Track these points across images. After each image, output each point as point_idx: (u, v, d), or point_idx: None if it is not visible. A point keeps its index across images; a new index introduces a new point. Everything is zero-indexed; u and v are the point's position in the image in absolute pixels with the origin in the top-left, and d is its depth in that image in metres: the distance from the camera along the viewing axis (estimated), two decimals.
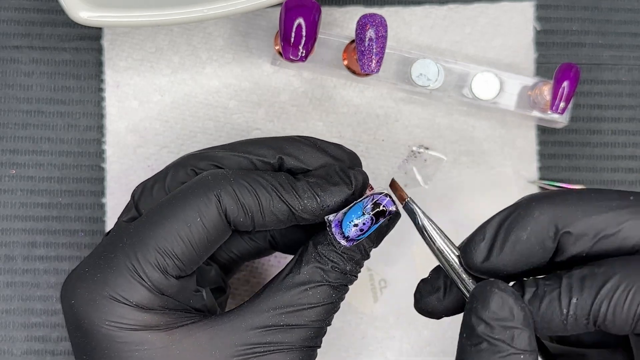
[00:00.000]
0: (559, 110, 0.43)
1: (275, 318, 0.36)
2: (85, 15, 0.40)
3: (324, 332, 0.37)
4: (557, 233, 0.33)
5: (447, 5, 0.47)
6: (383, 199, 0.36)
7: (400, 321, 0.46)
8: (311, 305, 0.36)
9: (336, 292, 0.36)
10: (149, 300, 0.35)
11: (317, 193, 0.36)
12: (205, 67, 0.47)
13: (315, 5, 0.40)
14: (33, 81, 0.46)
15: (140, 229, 0.35)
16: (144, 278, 0.34)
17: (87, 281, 0.35)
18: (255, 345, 0.35)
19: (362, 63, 0.41)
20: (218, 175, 0.36)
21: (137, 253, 0.34)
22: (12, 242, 0.46)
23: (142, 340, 0.34)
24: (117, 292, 0.34)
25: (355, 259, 0.37)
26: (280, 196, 0.35)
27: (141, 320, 0.35)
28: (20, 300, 0.46)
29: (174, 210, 0.35)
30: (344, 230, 0.35)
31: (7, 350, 0.46)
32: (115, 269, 0.35)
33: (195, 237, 0.35)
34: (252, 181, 0.35)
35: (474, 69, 0.45)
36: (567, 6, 0.47)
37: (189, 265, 0.35)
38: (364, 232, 0.35)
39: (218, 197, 0.35)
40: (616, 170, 0.47)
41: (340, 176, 0.37)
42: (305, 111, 0.47)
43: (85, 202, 0.46)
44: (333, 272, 0.36)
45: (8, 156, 0.46)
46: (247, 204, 0.35)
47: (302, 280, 0.36)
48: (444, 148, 0.47)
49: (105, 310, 0.34)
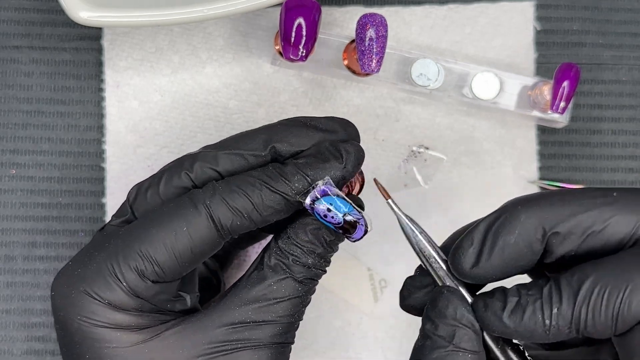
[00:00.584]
0: (559, 110, 0.43)
1: (242, 315, 0.35)
2: (85, 15, 0.40)
3: (296, 327, 0.37)
4: (544, 235, 0.33)
5: (447, 5, 0.47)
6: (362, 221, 0.35)
7: (401, 321, 0.46)
8: (277, 300, 0.36)
9: (302, 286, 0.36)
10: (123, 301, 0.35)
11: (306, 173, 0.35)
12: (205, 67, 0.47)
13: (316, 5, 0.40)
14: (33, 81, 0.46)
15: (127, 233, 0.35)
16: (121, 279, 0.34)
17: (68, 275, 0.35)
18: (222, 343, 0.35)
19: (363, 63, 0.41)
20: (208, 187, 0.36)
21: (119, 255, 0.35)
22: (12, 242, 0.46)
23: (111, 338, 0.35)
24: (92, 288, 0.35)
25: (317, 252, 0.36)
26: (270, 187, 0.35)
27: (112, 320, 0.35)
28: (20, 300, 0.46)
29: (163, 219, 0.35)
30: (321, 200, 0.35)
31: (7, 350, 0.46)
32: (95, 266, 0.35)
33: (179, 246, 0.35)
34: (240, 182, 0.35)
35: (474, 69, 0.45)
36: (567, 6, 0.47)
37: (169, 274, 0.35)
38: (326, 217, 0.35)
39: (208, 208, 0.35)
40: (616, 170, 0.47)
41: (331, 151, 0.36)
42: (305, 111, 0.47)
43: (85, 202, 0.46)
44: (295, 266, 0.36)
45: (8, 156, 0.46)
46: (240, 206, 0.35)
47: (266, 275, 0.36)
48: (444, 148, 0.47)
49: (79, 305, 0.35)
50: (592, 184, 0.47)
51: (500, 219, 0.34)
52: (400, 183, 0.47)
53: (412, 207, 0.46)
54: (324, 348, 0.47)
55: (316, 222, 0.36)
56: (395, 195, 0.47)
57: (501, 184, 0.47)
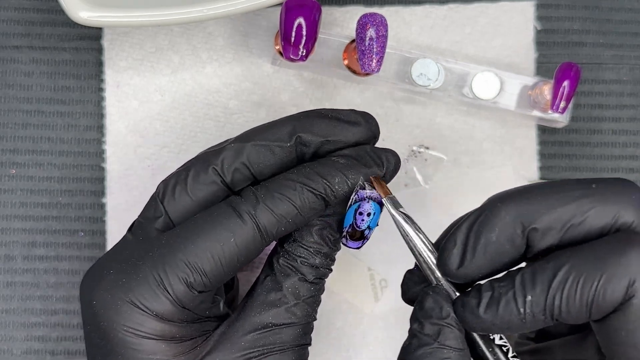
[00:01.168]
0: (559, 110, 0.43)
1: (263, 320, 0.36)
2: (85, 15, 0.40)
3: (311, 328, 0.37)
4: (524, 230, 0.33)
5: (447, 5, 0.47)
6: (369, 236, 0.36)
7: (401, 321, 0.46)
8: (295, 302, 0.36)
9: (313, 286, 0.37)
10: (170, 312, 0.35)
11: (347, 176, 0.36)
12: (205, 66, 0.47)
13: (316, 5, 0.40)
14: (33, 81, 0.46)
15: (171, 242, 0.35)
16: (169, 290, 0.34)
17: (111, 284, 0.35)
18: (250, 350, 0.36)
19: (363, 63, 0.41)
20: (249, 195, 0.36)
21: (166, 265, 0.35)
22: (12, 241, 0.46)
23: (155, 350, 0.35)
24: (139, 299, 0.34)
25: (323, 252, 0.37)
26: (312, 190, 0.35)
27: (158, 331, 0.35)
28: (20, 300, 0.46)
29: (208, 228, 0.35)
30: (372, 204, 0.35)
31: (7, 350, 0.46)
32: (141, 277, 0.35)
33: (227, 256, 0.35)
34: (281, 187, 0.35)
35: (474, 68, 0.45)
36: (567, 5, 0.47)
37: (214, 283, 0.35)
38: (359, 216, 0.36)
39: (254, 218, 0.35)
40: (617, 170, 0.47)
41: (372, 157, 0.36)
42: None
43: (85, 202, 0.46)
44: (304, 267, 0.36)
45: (8, 156, 0.46)
46: (284, 212, 0.35)
47: (279, 280, 0.36)
48: (444, 148, 0.47)
49: (125, 316, 0.34)
50: None
51: (481, 217, 0.34)
52: (401, 183, 0.47)
53: (412, 207, 0.46)
54: (324, 348, 0.47)
55: (320, 222, 0.36)
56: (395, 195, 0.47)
57: (501, 184, 0.47)
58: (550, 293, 0.32)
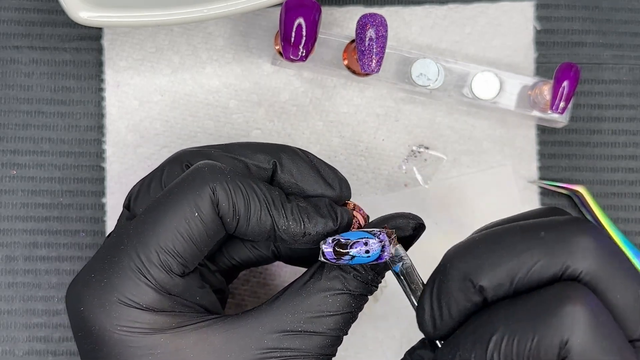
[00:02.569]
0: (559, 110, 0.43)
1: (294, 323, 0.35)
2: (85, 15, 0.40)
3: (340, 341, 0.37)
4: (475, 287, 0.33)
5: (447, 5, 0.47)
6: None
7: (400, 321, 0.47)
8: (330, 313, 0.35)
9: (355, 302, 0.36)
10: (158, 301, 0.34)
11: (303, 219, 0.36)
12: (205, 67, 0.47)
13: (316, 5, 0.40)
14: (33, 81, 0.46)
15: (139, 229, 0.35)
16: (150, 279, 0.34)
17: (94, 287, 0.35)
18: (271, 349, 0.35)
19: (363, 63, 0.41)
20: (215, 168, 0.35)
21: (140, 254, 0.34)
22: (13, 242, 0.46)
23: (154, 344, 0.34)
24: (125, 295, 0.34)
25: (377, 269, 0.36)
26: (269, 210, 0.35)
27: (153, 322, 0.34)
28: (21, 300, 0.46)
29: (171, 207, 0.35)
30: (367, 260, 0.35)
31: (9, 350, 0.46)
32: (120, 272, 0.34)
33: (195, 232, 0.35)
34: (247, 186, 0.35)
35: (474, 68, 0.45)
36: (567, 5, 0.47)
37: (191, 262, 0.35)
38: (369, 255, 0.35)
39: (213, 190, 0.35)
40: (616, 170, 0.47)
41: (329, 210, 0.36)
42: (305, 111, 0.47)
43: (86, 203, 0.46)
44: (354, 281, 0.36)
45: (9, 157, 0.46)
46: (238, 206, 0.35)
47: (323, 287, 0.36)
48: (444, 148, 0.47)
49: (116, 315, 0.34)
50: (592, 184, 0.47)
51: (437, 281, 0.34)
52: (400, 183, 0.47)
53: (412, 207, 0.46)
54: None
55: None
56: (395, 195, 0.47)
57: (501, 184, 0.47)
58: (488, 355, 0.32)
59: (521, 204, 0.47)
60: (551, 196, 0.47)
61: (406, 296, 0.36)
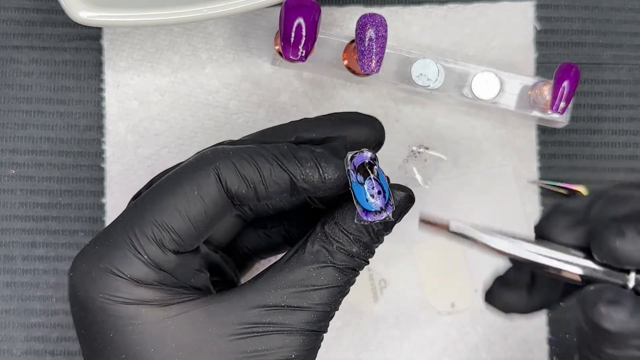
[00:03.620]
0: (559, 110, 0.43)
1: (277, 298, 0.35)
2: (85, 15, 0.40)
3: (331, 317, 0.36)
4: None
5: (447, 5, 0.47)
6: (359, 159, 0.35)
7: (400, 321, 0.46)
8: (315, 288, 0.35)
9: (342, 275, 0.35)
10: (145, 274, 0.34)
11: (319, 164, 0.35)
12: (205, 67, 0.47)
13: (315, 5, 0.40)
14: (33, 81, 0.46)
15: (139, 205, 0.35)
16: (141, 251, 0.34)
17: (86, 254, 0.35)
18: (254, 324, 0.34)
19: (362, 63, 0.41)
20: (217, 150, 0.35)
21: (135, 227, 0.34)
22: (11, 242, 0.46)
23: (136, 315, 0.34)
24: (113, 264, 0.34)
25: (363, 241, 0.36)
26: (281, 165, 0.35)
27: (136, 294, 0.34)
28: (19, 300, 0.46)
29: (172, 185, 0.35)
30: (370, 208, 0.34)
31: (7, 350, 0.46)
32: (112, 242, 0.34)
33: (193, 210, 0.34)
34: (252, 152, 0.35)
35: (474, 68, 0.45)
36: (567, 6, 0.47)
37: (187, 240, 0.35)
38: (382, 192, 0.34)
39: (217, 170, 0.34)
40: (617, 170, 0.47)
41: (349, 151, 0.36)
42: (306, 111, 0.47)
43: (85, 202, 0.46)
44: (338, 253, 0.35)
45: (8, 156, 0.46)
46: (248, 175, 0.35)
47: (306, 261, 0.35)
48: (444, 148, 0.47)
49: (100, 283, 0.34)
50: (592, 184, 0.47)
51: None
52: (400, 183, 0.47)
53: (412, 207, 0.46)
54: (324, 348, 0.47)
55: None
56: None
57: (501, 184, 0.47)
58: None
59: (521, 204, 0.47)
60: (551, 196, 0.47)
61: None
